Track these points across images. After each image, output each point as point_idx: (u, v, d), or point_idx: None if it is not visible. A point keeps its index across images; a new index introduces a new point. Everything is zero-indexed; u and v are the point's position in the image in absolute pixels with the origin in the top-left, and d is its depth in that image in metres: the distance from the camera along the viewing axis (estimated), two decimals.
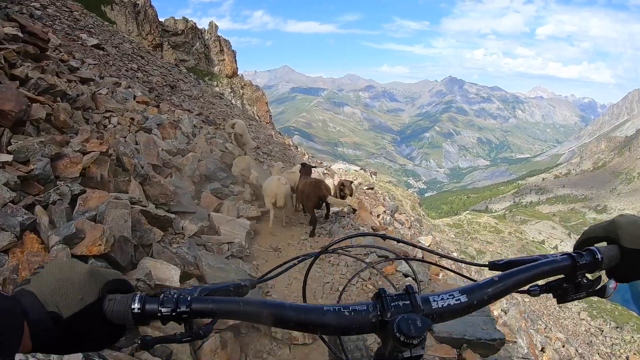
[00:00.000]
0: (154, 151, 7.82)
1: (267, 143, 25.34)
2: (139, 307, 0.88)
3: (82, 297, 0.85)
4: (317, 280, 6.30)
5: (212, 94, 39.80)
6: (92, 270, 0.90)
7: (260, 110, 68.19)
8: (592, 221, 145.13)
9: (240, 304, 0.90)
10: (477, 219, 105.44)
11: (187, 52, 67.44)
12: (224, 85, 67.21)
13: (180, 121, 12.00)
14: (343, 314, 0.90)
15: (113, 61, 22.57)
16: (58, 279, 0.86)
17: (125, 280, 0.96)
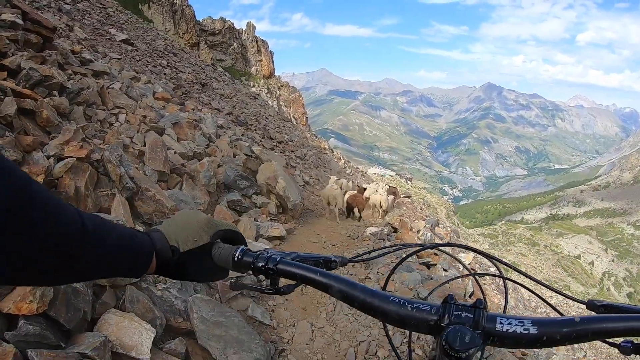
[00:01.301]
0: (160, 155, 6.55)
1: (302, 146, 24.24)
2: (239, 256, 1.05)
3: (196, 239, 1.08)
4: (348, 335, 4.77)
5: (247, 93, 39.04)
6: (208, 220, 1.12)
7: (296, 112, 67.42)
8: (630, 237, 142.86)
9: (318, 274, 0.99)
10: (512, 230, 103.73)
11: (224, 52, 67.12)
12: (261, 86, 66.64)
13: (201, 120, 10.67)
14: (405, 307, 0.90)
15: (140, 57, 21.89)
16: (180, 223, 1.10)
17: (237, 232, 1.17)
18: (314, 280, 0.98)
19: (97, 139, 6.65)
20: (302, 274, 0.99)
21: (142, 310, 3.33)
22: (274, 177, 8.70)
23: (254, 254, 1.05)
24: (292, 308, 4.91)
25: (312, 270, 1.00)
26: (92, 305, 3.14)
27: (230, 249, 1.08)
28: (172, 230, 1.08)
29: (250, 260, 1.04)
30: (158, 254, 1.03)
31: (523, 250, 79.53)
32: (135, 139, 7.09)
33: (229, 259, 1.07)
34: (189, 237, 1.08)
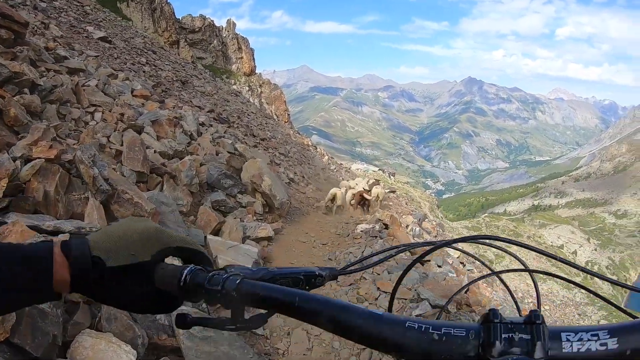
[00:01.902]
0: (139, 154, 6.17)
1: (285, 143, 23.96)
2: (186, 278, 0.79)
3: (134, 254, 0.84)
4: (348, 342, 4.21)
5: (229, 91, 38.66)
6: (157, 232, 0.88)
7: (278, 109, 67.08)
8: (612, 226, 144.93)
9: (296, 298, 0.70)
10: (495, 222, 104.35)
11: (204, 50, 66.53)
12: (242, 84, 66.15)
13: (182, 118, 10.27)
14: (431, 335, 0.61)
15: (119, 54, 21.50)
16: (117, 231, 0.86)
17: (198, 251, 0.90)
18: (291, 307, 0.70)
19: (72, 138, 6.29)
20: (274, 299, 0.72)
21: (120, 328, 2.96)
22: (259, 175, 8.36)
23: (206, 275, 0.78)
24: (286, 316, 4.61)
25: (288, 294, 0.71)
26: (62, 327, 2.75)
27: (176, 270, 0.81)
28: (101, 238, 0.84)
29: (201, 282, 0.77)
30: (72, 265, 0.79)
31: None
32: (112, 138, 6.74)
33: (173, 282, 0.80)
34: (123, 250, 0.83)
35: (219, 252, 5.08)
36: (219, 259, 4.97)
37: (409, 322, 0.63)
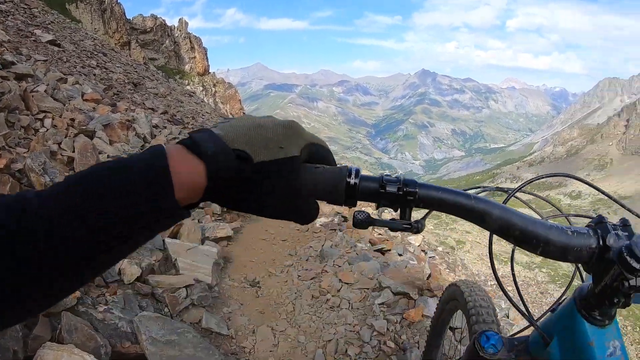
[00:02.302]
0: (91, 160, 6.08)
1: None
2: (355, 180, 0.76)
3: (283, 147, 0.72)
4: (313, 335, 4.40)
5: (182, 92, 38.31)
6: (297, 124, 0.78)
7: (233, 108, 66.82)
8: (567, 207, 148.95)
9: (472, 199, 0.81)
10: None
11: (156, 50, 65.78)
12: (196, 84, 65.63)
13: (135, 121, 10.10)
14: (566, 232, 0.80)
15: (68, 58, 21.06)
16: (250, 122, 0.73)
17: (329, 150, 0.82)
18: (466, 208, 0.80)
19: (21, 147, 6.15)
20: (452, 200, 0.80)
21: (82, 339, 2.92)
22: None
23: (372, 175, 0.78)
24: (250, 313, 4.59)
25: (464, 196, 0.81)
26: (23, 341, 2.71)
27: (335, 171, 0.76)
28: (235, 130, 0.70)
29: (375, 185, 0.76)
30: (210, 163, 0.64)
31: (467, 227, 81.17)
32: (64, 145, 6.62)
33: (338, 185, 0.74)
34: (268, 142, 0.70)
35: (178, 255, 5.01)
36: (179, 262, 4.92)
37: (550, 223, 0.81)
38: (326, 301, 5.00)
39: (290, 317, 4.69)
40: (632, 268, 0.72)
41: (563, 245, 0.80)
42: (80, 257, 0.52)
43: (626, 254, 0.72)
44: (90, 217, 0.54)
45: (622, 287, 0.75)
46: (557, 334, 0.96)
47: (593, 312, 0.84)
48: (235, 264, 6.07)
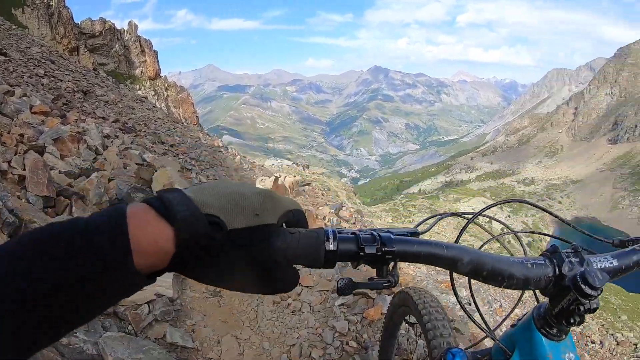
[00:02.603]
0: (43, 177, 5.95)
1: (195, 147, 23.58)
2: (334, 245, 0.75)
3: (259, 215, 0.68)
4: (277, 341, 4.45)
5: (133, 97, 37.63)
6: (273, 192, 0.75)
7: (186, 112, 65.86)
8: (521, 193, 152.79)
9: (444, 248, 0.86)
10: (411, 201, 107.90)
11: (106, 55, 64.31)
12: (147, 88, 64.39)
13: (86, 132, 9.92)
14: (526, 265, 0.91)
15: (15, 67, 20.51)
16: (225, 188, 0.68)
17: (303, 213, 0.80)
18: (440, 257, 0.85)
19: None
20: (428, 253, 0.84)
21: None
22: (171, 184, 8.21)
23: (352, 237, 0.78)
24: (213, 323, 4.60)
25: (437, 245, 0.86)
26: None
27: (312, 235, 0.73)
28: (209, 194, 0.65)
29: (353, 247, 0.76)
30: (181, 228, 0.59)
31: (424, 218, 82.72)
32: (14, 162, 6.46)
33: (317, 251, 0.73)
34: (244, 209, 0.66)
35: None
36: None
37: (512, 258, 0.92)
38: (287, 306, 5.01)
39: (254, 325, 4.72)
40: (586, 294, 0.85)
41: (524, 278, 0.90)
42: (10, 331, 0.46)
43: (580, 282, 0.85)
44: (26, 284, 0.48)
45: (577, 310, 0.88)
46: (517, 347, 1.07)
47: (550, 330, 0.98)
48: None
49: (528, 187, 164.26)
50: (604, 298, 33.13)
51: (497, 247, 54.17)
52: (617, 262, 1.00)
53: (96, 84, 31.67)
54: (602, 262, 0.99)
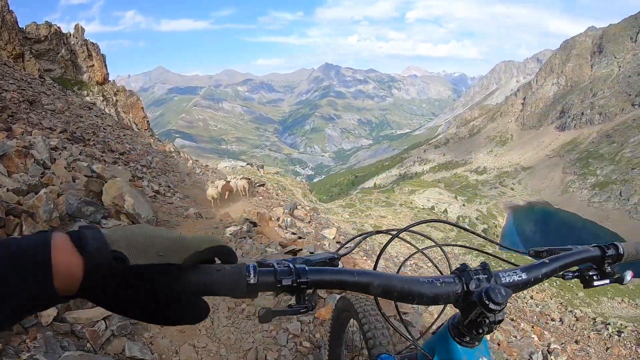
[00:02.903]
0: None
1: (146, 153, 23.33)
2: (255, 278, 0.85)
3: (163, 255, 0.76)
4: (234, 347, 4.56)
5: (81, 104, 36.79)
6: (182, 236, 0.82)
7: (136, 117, 64.59)
8: (475, 182, 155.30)
9: (355, 275, 0.96)
10: (367, 196, 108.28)
11: (52, 61, 62.25)
12: (95, 94, 62.76)
13: (32, 146, 9.69)
14: (435, 284, 1.01)
15: None
16: (133, 231, 0.77)
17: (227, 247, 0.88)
18: (352, 283, 0.95)
19: None
20: (339, 280, 0.94)
21: None
22: (121, 195, 8.19)
23: (271, 270, 0.88)
24: (170, 334, 4.65)
25: (347, 273, 0.96)
26: None
27: (235, 271, 0.83)
28: (119, 234, 0.74)
29: (272, 280, 0.86)
30: (87, 259, 0.68)
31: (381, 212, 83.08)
32: None
33: (239, 284, 0.83)
34: (148, 248, 0.75)
35: None
36: None
37: (421, 279, 1.01)
38: (242, 311, 5.11)
39: (210, 332, 4.80)
40: (490, 309, 0.95)
41: (433, 296, 1.00)
42: None
43: (485, 298, 0.95)
44: None
45: (484, 322, 0.99)
46: (437, 353, 1.19)
47: (464, 338, 1.08)
48: None
49: (481, 176, 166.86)
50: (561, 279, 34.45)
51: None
52: (526, 275, 1.15)
53: (42, 92, 30.90)
54: (510, 277, 1.12)
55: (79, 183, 8.54)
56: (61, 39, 64.22)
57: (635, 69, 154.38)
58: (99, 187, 8.51)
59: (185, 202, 14.74)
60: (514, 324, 12.71)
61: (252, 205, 17.63)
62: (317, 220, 20.25)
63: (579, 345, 13.53)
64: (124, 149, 20.65)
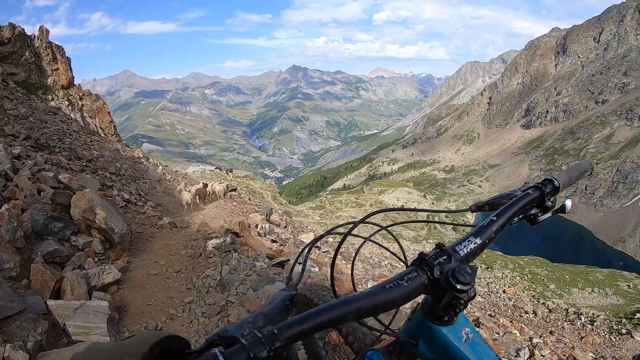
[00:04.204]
0: None
1: (114, 160, 22.49)
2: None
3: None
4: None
5: (46, 109, 35.72)
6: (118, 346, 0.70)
7: (102, 121, 63.10)
8: (443, 180, 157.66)
9: (324, 312, 0.90)
10: (337, 197, 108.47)
11: (15, 64, 60.29)
12: (60, 98, 61.02)
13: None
14: (402, 285, 0.99)
15: None
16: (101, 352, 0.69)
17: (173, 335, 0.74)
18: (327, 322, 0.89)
19: None
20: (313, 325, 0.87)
21: None
22: (91, 208, 7.41)
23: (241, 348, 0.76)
24: None
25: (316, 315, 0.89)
26: None
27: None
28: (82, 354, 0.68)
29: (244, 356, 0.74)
30: None
31: (352, 212, 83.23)
32: None
33: None
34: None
35: (66, 318, 4.30)
36: (69, 327, 4.24)
37: (387, 285, 0.98)
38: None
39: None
40: (460, 290, 0.97)
41: (404, 296, 0.98)
42: None
43: (453, 281, 0.97)
44: None
45: (459, 303, 1.00)
46: (421, 338, 1.15)
47: (442, 319, 1.07)
48: (131, 312, 5.45)
49: (449, 174, 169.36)
50: (532, 271, 34.89)
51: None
52: (480, 239, 1.16)
53: (5, 97, 29.75)
54: (467, 247, 1.13)
55: (44, 196, 7.71)
56: (25, 41, 62.34)
57: (598, 67, 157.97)
58: (67, 200, 7.72)
59: (157, 211, 14.06)
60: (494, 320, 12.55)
61: (226, 212, 17.00)
62: (292, 224, 19.79)
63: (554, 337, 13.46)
64: (91, 155, 19.74)
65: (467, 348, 1.08)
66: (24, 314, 4.11)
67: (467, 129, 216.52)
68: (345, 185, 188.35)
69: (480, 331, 8.79)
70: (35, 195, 7.62)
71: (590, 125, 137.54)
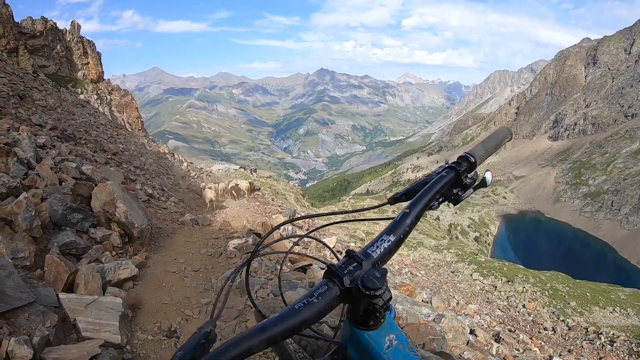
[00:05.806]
0: None
1: (140, 154, 22.50)
2: None
3: None
4: None
5: (74, 102, 35.94)
6: None
7: (130, 116, 63.66)
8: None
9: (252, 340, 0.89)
10: (360, 202, 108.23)
11: (47, 57, 60.88)
12: (90, 92, 61.69)
13: (17, 143, 8.73)
14: (312, 302, 0.98)
15: None
16: None
17: None
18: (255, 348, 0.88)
19: None
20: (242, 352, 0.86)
21: None
22: (112, 201, 7.23)
23: None
24: None
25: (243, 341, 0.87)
26: None
27: None
28: None
29: None
30: None
31: (373, 217, 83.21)
32: None
33: None
34: None
35: (77, 313, 4.09)
36: (79, 322, 4.04)
37: (297, 305, 0.97)
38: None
39: None
40: (372, 295, 0.97)
41: (316, 313, 0.97)
42: None
43: (364, 289, 0.97)
44: None
45: (375, 309, 1.00)
46: (349, 342, 1.16)
47: (366, 324, 1.07)
48: (145, 310, 5.21)
49: None
50: (553, 287, 33.96)
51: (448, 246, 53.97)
52: (394, 235, 1.16)
53: (34, 88, 29.95)
54: (380, 247, 1.13)
55: (65, 186, 7.56)
56: (57, 35, 62.92)
57: (628, 80, 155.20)
58: (88, 191, 7.54)
59: (180, 207, 13.95)
60: (513, 336, 12.26)
61: (249, 212, 16.84)
62: (315, 226, 19.56)
63: (572, 356, 13.09)
64: (116, 149, 19.75)
65: (389, 355, 1.08)
66: (33, 306, 3.92)
67: None
68: (368, 190, 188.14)
69: (500, 347, 8.66)
70: (56, 185, 7.48)
71: (619, 139, 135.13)
